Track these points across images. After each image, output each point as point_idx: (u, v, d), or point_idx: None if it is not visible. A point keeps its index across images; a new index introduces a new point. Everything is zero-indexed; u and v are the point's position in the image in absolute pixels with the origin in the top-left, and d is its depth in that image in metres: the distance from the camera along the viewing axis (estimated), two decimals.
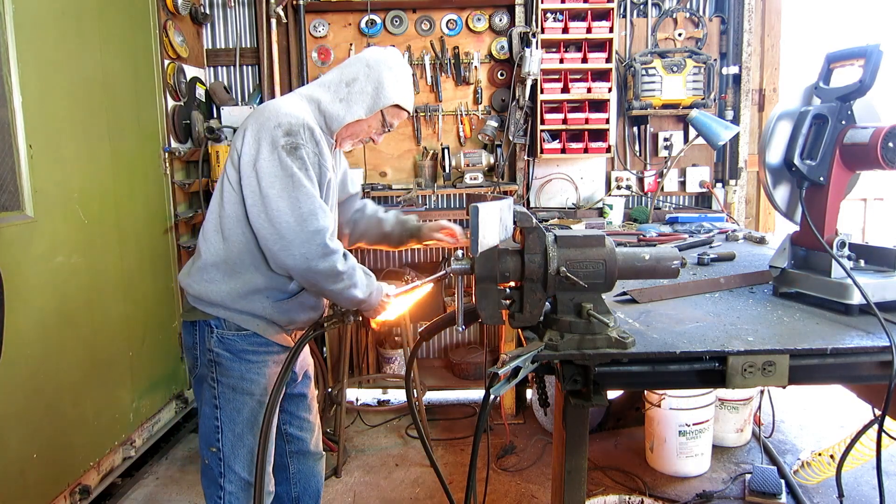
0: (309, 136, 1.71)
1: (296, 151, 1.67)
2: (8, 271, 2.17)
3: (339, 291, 1.73)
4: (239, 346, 1.80)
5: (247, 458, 1.84)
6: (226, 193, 1.76)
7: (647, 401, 3.07)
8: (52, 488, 2.46)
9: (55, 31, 2.55)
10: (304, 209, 1.65)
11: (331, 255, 1.68)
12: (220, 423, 1.82)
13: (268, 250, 1.70)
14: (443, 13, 3.90)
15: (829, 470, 2.74)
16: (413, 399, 1.99)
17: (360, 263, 1.81)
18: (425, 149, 4.02)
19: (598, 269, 1.33)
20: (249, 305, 1.78)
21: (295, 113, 1.72)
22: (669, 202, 4.07)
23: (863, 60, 1.60)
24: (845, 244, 1.63)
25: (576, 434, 1.49)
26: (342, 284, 1.72)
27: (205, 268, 1.78)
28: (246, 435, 1.83)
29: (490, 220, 1.21)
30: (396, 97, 1.86)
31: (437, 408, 3.87)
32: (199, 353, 1.82)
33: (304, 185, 1.66)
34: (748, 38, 3.79)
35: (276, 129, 1.68)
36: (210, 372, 1.82)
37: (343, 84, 1.85)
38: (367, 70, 1.85)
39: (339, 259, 1.70)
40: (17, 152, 2.31)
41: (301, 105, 1.80)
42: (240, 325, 1.79)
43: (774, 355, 1.35)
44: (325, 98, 1.84)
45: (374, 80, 1.84)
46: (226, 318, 1.79)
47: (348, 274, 1.72)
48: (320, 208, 1.68)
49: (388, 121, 1.90)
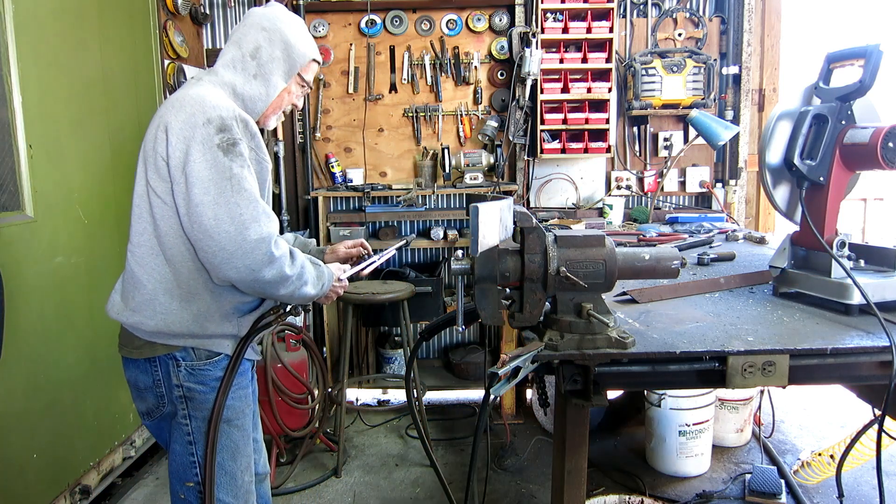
0: (243, 129, 1.54)
1: (233, 149, 1.49)
2: (8, 271, 2.17)
3: (291, 294, 1.58)
4: (212, 374, 1.63)
5: (231, 484, 1.70)
6: (155, 209, 1.53)
7: (646, 401, 3.07)
8: (52, 488, 2.46)
9: (55, 31, 2.55)
10: (246, 215, 1.47)
11: (276, 262, 1.51)
12: (196, 459, 1.65)
13: (208, 263, 1.50)
14: (443, 13, 3.90)
15: (829, 470, 2.74)
16: (413, 399, 1.99)
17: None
18: (425, 149, 4.02)
19: (598, 269, 1.33)
20: (220, 328, 1.60)
21: (223, 104, 1.52)
22: (669, 202, 4.07)
23: (863, 60, 1.60)
24: (845, 244, 1.63)
25: (576, 434, 1.49)
26: (292, 287, 1.56)
27: (153, 298, 1.56)
28: (227, 462, 1.69)
29: (490, 220, 1.21)
30: (310, 51, 1.70)
31: (437, 408, 3.86)
32: (165, 390, 1.62)
33: (244, 188, 1.48)
34: (748, 38, 3.79)
35: (207, 126, 1.48)
36: (181, 408, 1.63)
37: (248, 58, 1.63)
38: (265, 34, 1.64)
39: (286, 264, 1.53)
40: (17, 152, 2.31)
41: (221, 93, 1.59)
42: (211, 350, 1.62)
43: (774, 355, 1.35)
44: (238, 80, 1.63)
45: (278, 43, 1.64)
46: (195, 347, 1.60)
47: (297, 275, 1.56)
48: (263, 213, 1.50)
49: (306, 80, 1.74)
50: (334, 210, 4.03)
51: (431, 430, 3.52)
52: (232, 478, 1.70)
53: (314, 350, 3.28)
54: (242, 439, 1.72)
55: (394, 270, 3.92)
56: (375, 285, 3.25)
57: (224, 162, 1.47)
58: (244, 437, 1.72)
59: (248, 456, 1.74)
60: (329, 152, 4.01)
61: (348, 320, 3.12)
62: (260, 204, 1.51)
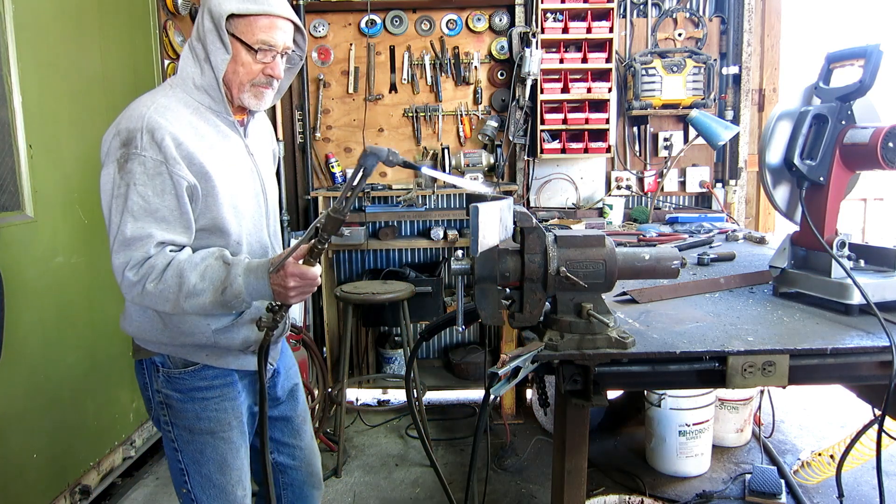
0: (149, 141, 1.40)
1: (125, 165, 1.40)
2: (8, 271, 2.17)
3: (186, 310, 1.44)
4: (188, 383, 1.58)
5: (220, 498, 1.64)
6: None
7: (646, 401, 3.07)
8: (52, 488, 2.46)
9: (55, 31, 2.55)
10: (122, 237, 1.41)
11: (134, 287, 1.43)
12: (184, 467, 1.62)
13: None
14: (443, 13, 3.90)
15: (829, 470, 2.74)
16: (413, 399, 1.99)
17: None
18: (425, 149, 4.02)
19: (598, 269, 1.33)
20: (192, 338, 1.54)
21: (137, 114, 1.44)
22: (669, 202, 4.07)
23: (863, 60, 1.60)
24: (845, 244, 1.63)
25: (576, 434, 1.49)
26: (170, 304, 1.43)
27: (128, 307, 1.58)
28: (214, 475, 1.63)
29: (490, 220, 1.21)
30: (231, 6, 1.45)
31: (437, 408, 3.86)
32: (151, 393, 1.61)
33: (128, 208, 1.40)
34: (748, 38, 3.79)
35: (114, 140, 1.43)
36: (162, 414, 1.61)
37: (195, 41, 1.52)
38: (202, 10, 1.50)
39: (146, 286, 1.42)
40: (17, 152, 2.31)
41: (159, 97, 1.49)
42: (186, 359, 1.57)
43: (774, 355, 1.35)
44: (192, 69, 1.52)
45: (206, 13, 1.48)
46: (170, 355, 1.57)
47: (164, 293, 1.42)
48: (134, 238, 1.40)
49: (253, 43, 1.48)
50: None
51: (431, 430, 3.52)
52: (222, 491, 1.65)
53: (314, 350, 3.29)
54: (230, 452, 1.64)
55: (394, 270, 3.92)
56: (375, 285, 3.26)
57: (116, 178, 1.42)
58: (231, 449, 1.64)
59: (238, 469, 1.66)
60: (329, 152, 4.01)
61: (348, 320, 3.12)
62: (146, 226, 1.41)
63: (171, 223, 1.45)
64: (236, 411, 1.65)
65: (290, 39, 1.55)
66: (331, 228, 1.39)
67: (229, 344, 1.58)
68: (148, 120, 1.42)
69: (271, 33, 1.49)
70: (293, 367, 1.90)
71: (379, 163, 1.35)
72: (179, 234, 1.46)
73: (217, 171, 1.50)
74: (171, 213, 1.44)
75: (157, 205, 1.42)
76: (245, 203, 1.59)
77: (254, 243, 1.63)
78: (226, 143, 1.56)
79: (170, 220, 1.44)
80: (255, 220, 1.64)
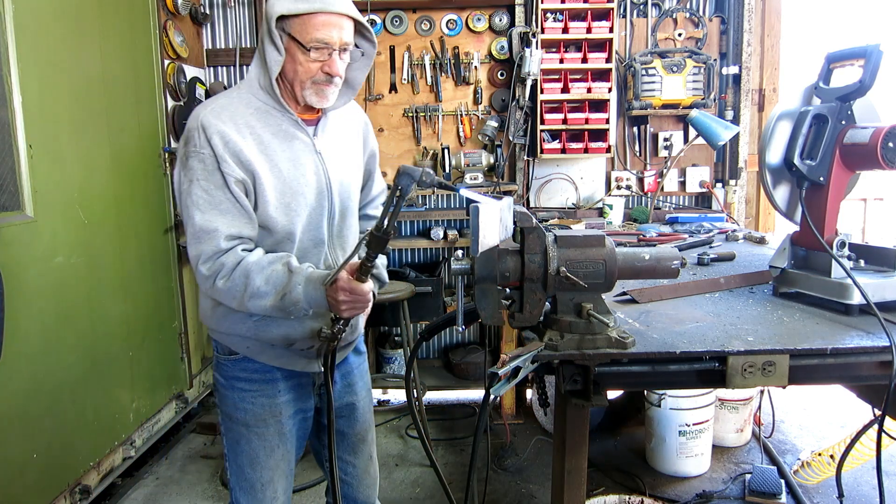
0: (203, 139, 1.47)
1: (186, 162, 1.49)
2: (8, 271, 2.17)
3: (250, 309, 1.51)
4: (230, 371, 1.65)
5: (249, 493, 1.67)
6: None
7: (646, 401, 3.07)
8: (52, 488, 2.46)
9: (55, 31, 2.55)
10: (193, 229, 1.49)
11: (206, 281, 1.50)
12: (226, 451, 1.70)
13: None
14: (443, 13, 3.90)
15: (829, 470, 2.74)
16: (413, 399, 1.98)
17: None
18: (425, 149, 4.02)
19: (598, 269, 1.33)
20: (235, 326, 1.59)
21: (195, 114, 1.51)
22: (669, 202, 4.07)
23: (863, 60, 1.60)
24: (845, 244, 1.63)
25: (576, 434, 1.49)
26: (236, 302, 1.50)
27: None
28: (245, 468, 1.66)
29: (490, 220, 1.21)
30: (281, 7, 1.47)
31: (437, 408, 3.86)
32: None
33: (194, 202, 1.48)
34: (748, 38, 3.79)
35: (181, 140, 1.54)
36: (215, 394, 1.73)
37: (259, 42, 1.56)
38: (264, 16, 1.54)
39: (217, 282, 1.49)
40: (17, 152, 2.31)
41: (222, 98, 1.56)
42: (230, 348, 1.63)
43: (774, 355, 1.35)
44: (256, 70, 1.57)
45: (264, 16, 1.51)
46: (218, 341, 1.65)
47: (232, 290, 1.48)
48: (203, 230, 1.47)
49: (306, 42, 1.48)
50: None
51: (431, 430, 3.52)
52: (251, 487, 1.67)
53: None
54: (263, 449, 1.65)
55: (394, 270, 3.92)
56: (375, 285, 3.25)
57: (182, 175, 1.51)
58: (265, 447, 1.65)
59: (270, 469, 1.66)
60: None
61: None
62: (207, 219, 1.47)
63: (235, 216, 1.50)
64: (274, 409, 1.65)
65: (347, 34, 1.53)
66: (376, 247, 1.43)
67: (269, 338, 1.59)
68: (202, 119, 1.49)
69: (324, 31, 1.48)
70: (357, 384, 1.85)
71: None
72: (244, 227, 1.51)
73: (265, 170, 1.52)
74: (233, 205, 1.49)
75: (220, 198, 1.48)
76: (300, 201, 1.58)
77: (306, 241, 1.62)
78: (286, 142, 1.57)
79: (233, 213, 1.49)
80: (313, 218, 1.62)
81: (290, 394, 1.68)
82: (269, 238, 1.57)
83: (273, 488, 1.68)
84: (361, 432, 1.86)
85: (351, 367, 1.84)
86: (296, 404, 1.70)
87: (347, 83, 1.66)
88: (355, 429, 1.84)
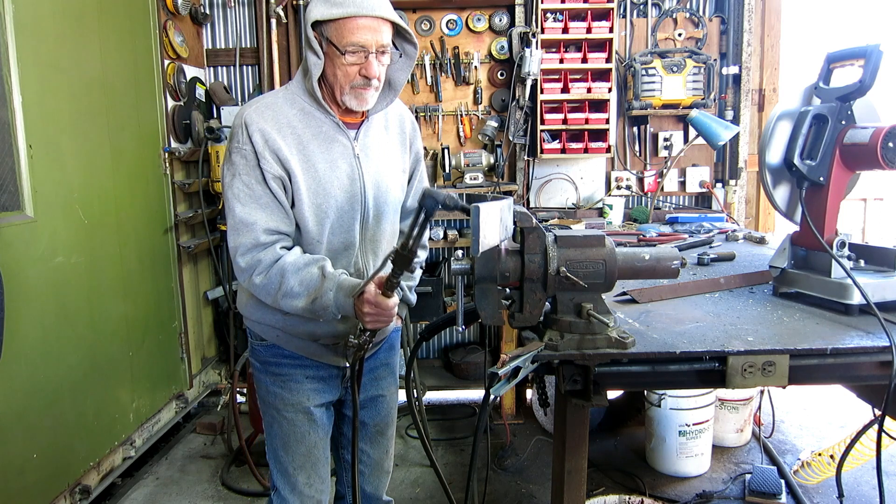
0: (245, 136, 1.52)
1: (230, 157, 1.56)
2: (8, 271, 2.17)
3: (282, 307, 1.56)
4: (262, 356, 1.73)
5: (283, 476, 1.74)
6: None
7: (647, 401, 3.07)
8: (52, 488, 2.46)
9: (55, 31, 2.55)
10: (233, 220, 1.55)
11: (243, 274, 1.56)
12: (265, 435, 1.78)
13: None
14: (443, 13, 3.90)
15: (829, 470, 2.74)
16: (413, 399, 1.99)
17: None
18: (425, 149, 4.01)
19: (598, 269, 1.33)
20: (265, 316, 1.68)
21: (240, 112, 1.57)
22: (669, 202, 4.07)
23: (863, 60, 1.60)
24: (845, 244, 1.63)
25: (576, 434, 1.49)
26: (270, 298, 1.56)
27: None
28: (279, 450, 1.73)
29: (490, 220, 1.21)
30: (316, 13, 1.49)
31: (437, 408, 3.86)
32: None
33: (235, 195, 1.54)
34: (748, 38, 3.79)
35: (228, 136, 1.60)
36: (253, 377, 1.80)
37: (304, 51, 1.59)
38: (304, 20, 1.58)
39: (254, 278, 1.55)
40: (17, 152, 2.31)
41: (268, 97, 1.62)
42: (261, 335, 1.72)
43: (774, 355, 1.35)
44: (301, 75, 1.63)
45: (306, 20, 1.54)
46: (251, 328, 1.74)
47: (267, 287, 1.54)
48: (242, 222, 1.53)
49: (342, 46, 1.50)
50: None
51: (431, 430, 3.52)
52: (284, 470, 1.74)
53: None
54: (293, 434, 1.71)
55: None
56: None
57: (226, 170, 1.57)
58: (295, 433, 1.71)
59: (302, 456, 1.72)
60: None
61: None
62: (247, 212, 1.53)
63: (273, 210, 1.55)
64: (301, 396, 1.71)
65: (384, 37, 1.53)
66: (401, 264, 1.46)
67: (296, 332, 1.67)
68: (245, 117, 1.54)
69: (360, 34, 1.49)
70: (386, 378, 1.90)
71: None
72: (282, 222, 1.56)
73: (301, 170, 1.56)
74: (272, 200, 1.54)
75: (260, 192, 1.53)
76: (331, 203, 1.60)
77: (336, 243, 1.65)
78: (325, 144, 1.60)
79: (272, 208, 1.54)
80: (345, 221, 1.64)
81: (317, 383, 1.73)
82: (301, 238, 1.61)
83: (305, 473, 1.74)
84: (381, 425, 1.90)
85: (379, 362, 1.88)
86: (323, 395, 1.75)
87: (389, 84, 1.68)
88: (375, 420, 1.88)
